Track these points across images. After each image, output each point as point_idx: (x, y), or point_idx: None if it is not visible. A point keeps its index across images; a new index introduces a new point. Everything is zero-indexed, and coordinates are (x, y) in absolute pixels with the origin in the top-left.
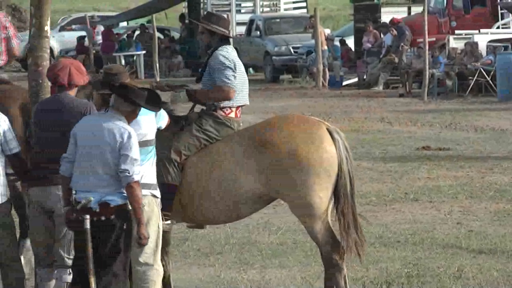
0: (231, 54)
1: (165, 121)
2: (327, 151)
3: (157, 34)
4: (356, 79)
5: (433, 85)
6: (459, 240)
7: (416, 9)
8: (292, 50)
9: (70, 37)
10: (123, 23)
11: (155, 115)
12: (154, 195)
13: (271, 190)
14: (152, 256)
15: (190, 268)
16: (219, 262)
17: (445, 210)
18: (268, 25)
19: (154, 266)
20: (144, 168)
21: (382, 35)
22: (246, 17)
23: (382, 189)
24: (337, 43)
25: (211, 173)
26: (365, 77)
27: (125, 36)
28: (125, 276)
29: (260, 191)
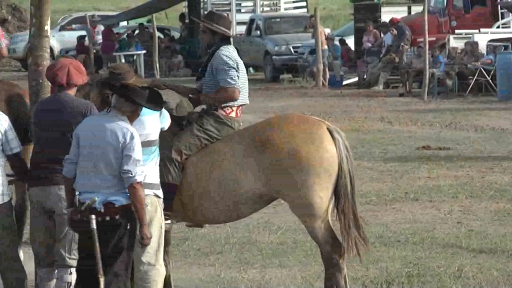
0: (233, 54)
1: (168, 122)
2: (328, 151)
3: (157, 34)
4: (356, 79)
5: (433, 85)
6: (459, 240)
7: (416, 9)
8: (292, 50)
9: (70, 37)
10: (123, 23)
11: (159, 115)
12: (157, 195)
13: (272, 190)
14: (154, 256)
15: (190, 268)
16: (219, 262)
17: (445, 210)
18: (268, 25)
19: (156, 266)
20: (147, 168)
21: (382, 35)
22: (246, 17)
23: (382, 189)
24: (337, 43)
25: (211, 173)
26: (365, 77)
27: (125, 36)
28: (127, 276)
29: (260, 191)
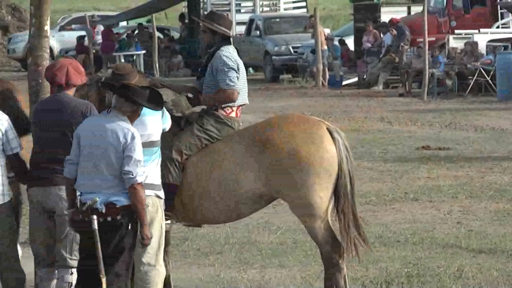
0: (233, 55)
1: (169, 123)
2: (328, 151)
3: (157, 34)
4: (356, 79)
5: (433, 85)
6: (459, 240)
7: (416, 9)
8: (292, 50)
9: (70, 37)
10: (123, 23)
11: (161, 116)
12: (158, 196)
13: (272, 190)
14: (155, 257)
15: (190, 268)
16: (219, 262)
17: (445, 210)
18: (268, 25)
19: (156, 267)
20: (149, 169)
21: (382, 35)
22: (246, 17)
23: (382, 189)
24: (337, 43)
25: (211, 173)
26: (365, 77)
27: (125, 36)
28: (127, 276)
29: (260, 191)
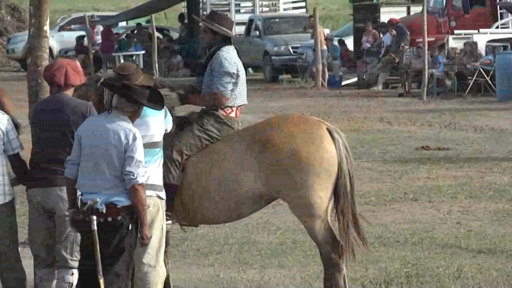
0: (233, 56)
1: (171, 125)
2: (327, 151)
3: (156, 34)
4: (356, 79)
5: (433, 85)
6: (459, 240)
7: (416, 9)
8: (292, 50)
9: (70, 37)
10: (122, 23)
11: (164, 117)
12: (160, 197)
13: (271, 190)
14: (155, 257)
15: (190, 268)
16: (219, 262)
17: (445, 210)
18: (268, 25)
19: (156, 268)
20: (151, 169)
21: (382, 35)
22: (245, 17)
23: (382, 189)
24: (336, 43)
25: (211, 173)
26: (365, 77)
27: (125, 36)
28: (127, 277)
29: (260, 191)
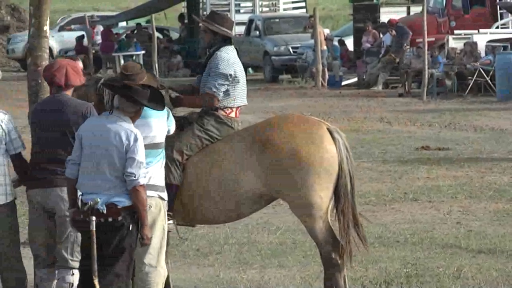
0: (231, 56)
1: (173, 126)
2: (328, 151)
3: (156, 34)
4: (356, 79)
5: (433, 85)
6: (459, 240)
7: (416, 9)
8: (291, 50)
9: (70, 37)
10: (122, 23)
11: (167, 119)
12: (161, 197)
13: (272, 190)
14: (156, 258)
15: (190, 268)
16: (219, 262)
17: (445, 210)
18: (267, 25)
19: (157, 268)
20: (153, 170)
21: (382, 35)
22: (245, 17)
23: (382, 189)
24: (336, 43)
25: (211, 173)
26: (365, 77)
27: (124, 36)
28: (128, 277)
29: (260, 191)
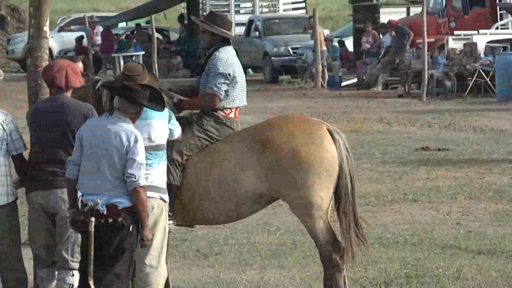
0: (230, 57)
1: (179, 131)
2: (328, 151)
3: (156, 35)
4: (355, 80)
5: (432, 86)
6: (458, 241)
7: (415, 10)
8: (291, 51)
9: (69, 38)
10: (122, 24)
11: (168, 121)
12: (163, 199)
13: (272, 190)
14: (157, 258)
15: (189, 269)
16: (218, 263)
17: (444, 211)
18: (267, 26)
19: (158, 269)
20: (155, 172)
21: (381, 36)
22: (245, 18)
23: (381, 190)
24: (336, 44)
25: (211, 173)
26: (364, 78)
27: (124, 37)
28: (128, 277)
29: (261, 191)
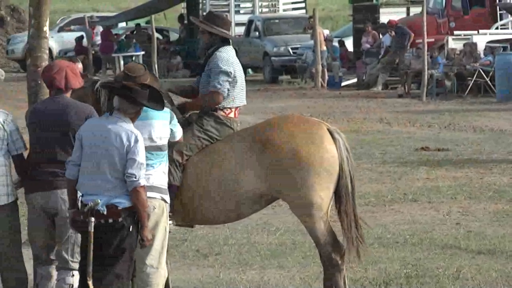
0: (230, 56)
1: (181, 133)
2: (328, 151)
3: (156, 35)
4: (355, 80)
5: (432, 86)
6: (458, 241)
7: (415, 10)
8: (291, 51)
9: (69, 38)
10: (122, 24)
11: (170, 121)
12: (164, 200)
13: (272, 190)
14: (158, 259)
15: (189, 269)
16: (218, 263)
17: (444, 211)
18: (267, 26)
19: (159, 269)
20: (156, 172)
21: (381, 36)
22: (245, 18)
23: (381, 190)
24: (336, 44)
25: (211, 173)
26: (364, 78)
27: (124, 37)
28: (128, 278)
29: (261, 191)
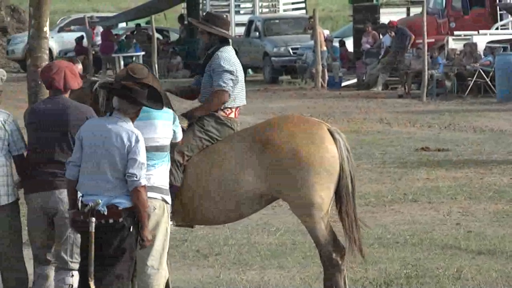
0: (231, 56)
1: (181, 134)
2: (328, 151)
3: (156, 35)
4: (355, 80)
5: (432, 86)
6: (458, 241)
7: (415, 10)
8: (291, 51)
9: (69, 38)
10: (122, 24)
11: (172, 122)
12: (165, 200)
13: (272, 190)
14: (159, 260)
15: (189, 269)
16: (218, 263)
17: (444, 211)
18: (267, 26)
19: (160, 270)
20: (158, 173)
21: (381, 36)
22: (245, 18)
23: (381, 190)
24: (336, 44)
25: (211, 173)
26: (364, 78)
27: (124, 37)
28: (128, 278)
29: (261, 191)
